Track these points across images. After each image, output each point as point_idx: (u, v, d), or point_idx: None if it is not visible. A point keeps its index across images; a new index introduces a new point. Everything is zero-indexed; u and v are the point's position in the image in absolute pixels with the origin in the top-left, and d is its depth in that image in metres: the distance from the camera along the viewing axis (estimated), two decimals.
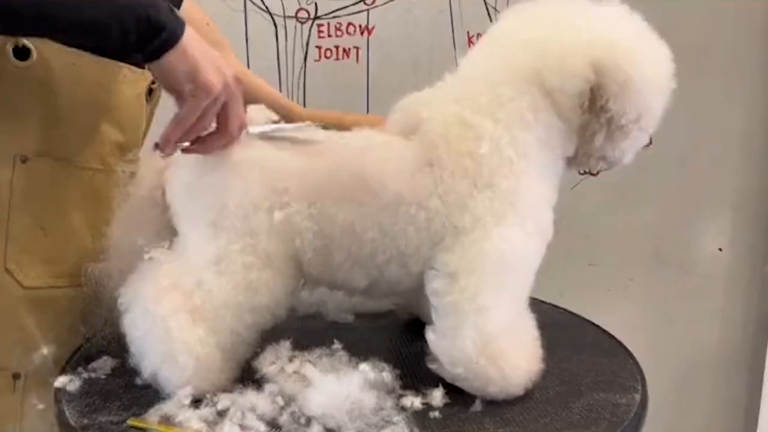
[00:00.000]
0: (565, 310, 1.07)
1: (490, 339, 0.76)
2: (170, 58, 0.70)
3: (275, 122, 0.84)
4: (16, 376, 0.84)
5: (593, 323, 1.02)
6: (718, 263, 1.67)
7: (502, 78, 0.78)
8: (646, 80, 0.76)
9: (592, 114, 0.77)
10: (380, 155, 0.79)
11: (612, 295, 1.67)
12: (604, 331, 0.99)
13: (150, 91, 0.94)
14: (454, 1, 1.49)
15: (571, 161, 0.84)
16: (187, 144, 0.75)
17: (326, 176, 0.77)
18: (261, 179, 0.77)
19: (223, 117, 0.75)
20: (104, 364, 0.85)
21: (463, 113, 0.78)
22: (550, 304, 1.08)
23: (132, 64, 0.89)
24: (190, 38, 0.71)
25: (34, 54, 0.81)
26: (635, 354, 0.91)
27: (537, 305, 1.06)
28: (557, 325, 1.00)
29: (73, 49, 0.83)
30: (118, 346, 0.86)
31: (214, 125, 0.76)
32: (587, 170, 1.58)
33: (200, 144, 0.76)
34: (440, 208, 0.77)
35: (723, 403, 1.74)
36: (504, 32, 0.82)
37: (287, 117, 0.97)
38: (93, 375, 0.83)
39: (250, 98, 0.91)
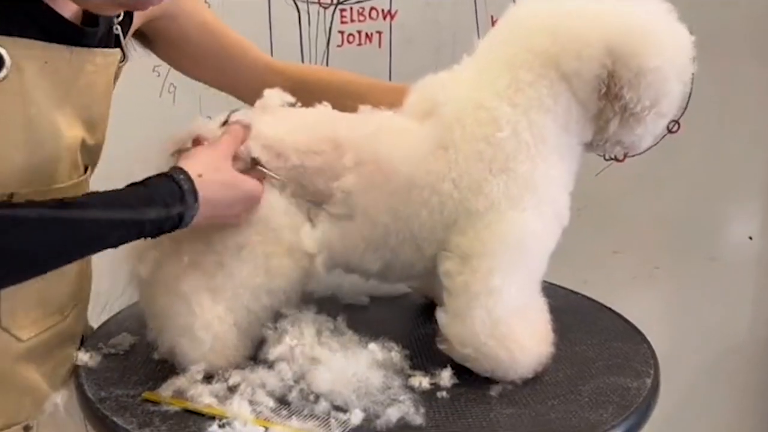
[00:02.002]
0: (582, 295, 1.06)
1: (500, 320, 0.76)
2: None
3: (291, 105, 0.84)
4: (27, 428, 0.79)
5: (609, 308, 1.01)
6: (748, 252, 1.63)
7: (520, 62, 0.78)
8: (662, 67, 0.75)
9: (607, 100, 0.76)
10: (392, 139, 0.79)
11: (637, 283, 1.64)
12: (620, 316, 0.98)
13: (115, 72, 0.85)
14: None
15: (588, 146, 0.84)
16: None
17: (341, 162, 0.78)
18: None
19: None
20: (123, 340, 0.87)
21: (479, 97, 0.78)
22: (567, 288, 1.07)
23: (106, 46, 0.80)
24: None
25: (7, 60, 0.69)
26: (660, 344, 0.90)
27: (553, 290, 1.06)
28: (572, 310, 1.00)
29: (44, 43, 0.72)
30: (137, 323, 0.89)
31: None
32: (611, 156, 1.58)
33: None
34: (453, 192, 0.77)
35: (752, 396, 1.71)
36: (522, 16, 0.81)
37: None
38: (112, 351, 0.86)
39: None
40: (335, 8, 1.46)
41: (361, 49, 1.48)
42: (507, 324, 0.77)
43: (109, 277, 0.85)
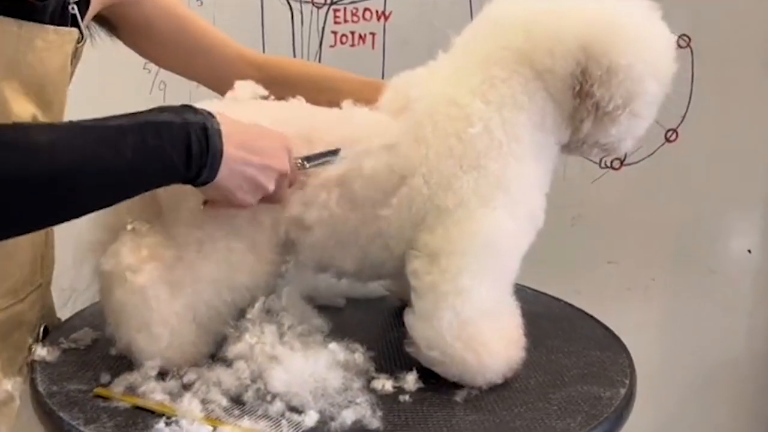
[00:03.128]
0: (564, 302, 1.03)
1: (468, 322, 0.74)
2: (204, 189, 0.70)
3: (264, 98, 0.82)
4: None
5: (591, 316, 0.98)
6: (746, 265, 1.59)
7: (494, 59, 0.76)
8: (635, 65, 0.72)
9: (581, 98, 0.74)
10: (362, 134, 0.77)
11: (632, 294, 1.61)
12: (602, 324, 0.95)
13: (74, 51, 0.82)
14: None
15: (566, 147, 0.81)
16: None
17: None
18: None
19: (267, 198, 0.74)
20: (84, 336, 0.85)
21: (452, 93, 0.76)
22: (549, 295, 1.04)
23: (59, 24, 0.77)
24: (225, 169, 0.68)
25: None
26: (655, 357, 0.87)
27: (536, 296, 1.04)
28: (554, 317, 0.97)
29: None
30: (102, 319, 0.86)
31: None
32: (606, 163, 1.55)
33: None
34: (423, 188, 0.75)
35: (748, 411, 1.66)
36: (498, 12, 0.79)
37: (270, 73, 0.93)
38: (72, 345, 0.84)
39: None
40: (329, 8, 1.45)
41: (355, 50, 1.47)
42: (475, 326, 0.74)
43: (74, 272, 0.83)
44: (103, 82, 1.27)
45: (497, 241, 0.75)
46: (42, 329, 0.87)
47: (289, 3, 1.44)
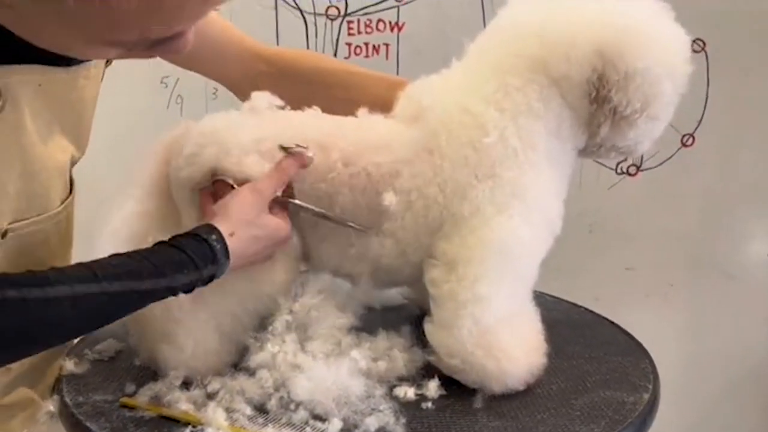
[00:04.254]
0: (584, 308, 1.03)
1: (488, 329, 0.74)
2: None
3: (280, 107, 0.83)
4: None
5: (612, 322, 0.97)
6: (765, 270, 1.58)
7: (508, 66, 0.76)
8: (652, 68, 0.72)
9: (597, 104, 0.74)
10: (377, 142, 0.77)
11: (651, 301, 1.60)
12: (623, 330, 0.95)
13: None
14: None
15: (582, 152, 0.81)
16: None
17: (327, 166, 0.77)
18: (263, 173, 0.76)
19: None
20: (109, 347, 0.86)
21: (466, 101, 0.76)
22: (568, 302, 1.04)
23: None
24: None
25: (3, 90, 0.65)
26: (676, 364, 0.87)
27: (557, 303, 1.04)
28: (574, 324, 0.97)
29: (41, 66, 0.68)
30: (125, 330, 0.87)
31: None
32: (623, 169, 1.55)
33: None
34: (438, 197, 0.75)
35: None
36: (511, 19, 0.79)
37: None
38: (97, 357, 0.84)
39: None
40: (342, 20, 1.46)
41: (369, 61, 1.47)
42: (495, 333, 0.74)
43: None
44: (120, 97, 1.28)
45: (514, 248, 0.75)
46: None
47: (303, 15, 1.45)
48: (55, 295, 0.61)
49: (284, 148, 0.76)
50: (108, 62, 0.81)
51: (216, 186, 0.77)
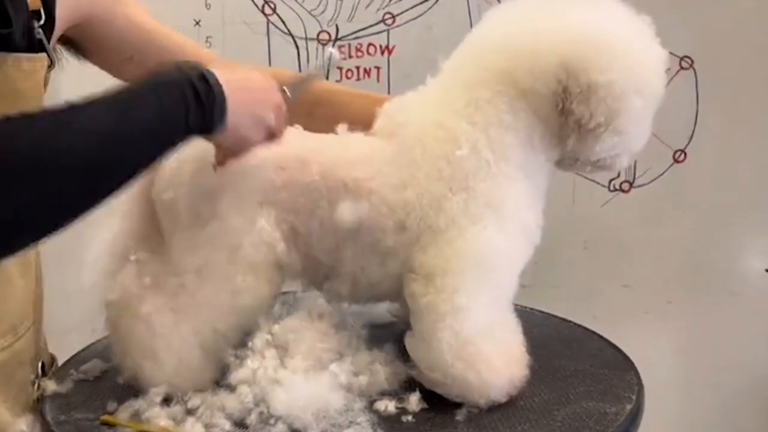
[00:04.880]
0: (573, 323, 1.02)
1: (468, 341, 0.74)
2: (218, 136, 0.70)
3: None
4: None
5: (601, 336, 0.97)
6: (764, 284, 1.57)
7: (478, 81, 0.77)
8: (615, 82, 0.72)
9: (564, 116, 0.75)
10: (356, 157, 0.78)
11: (649, 318, 1.59)
12: (611, 343, 0.94)
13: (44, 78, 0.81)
14: (475, 19, 1.48)
15: (560, 164, 0.82)
16: None
17: (306, 180, 0.78)
18: (243, 190, 0.77)
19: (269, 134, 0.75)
20: (94, 367, 0.86)
21: (440, 117, 0.77)
22: (557, 317, 1.04)
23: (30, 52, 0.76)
24: (232, 109, 0.68)
25: None
26: (675, 382, 0.86)
27: (545, 318, 1.04)
28: (562, 338, 0.96)
29: None
30: (111, 350, 0.88)
31: None
32: (615, 186, 1.55)
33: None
34: (414, 210, 0.76)
35: None
36: (482, 33, 0.81)
37: None
38: (82, 377, 0.85)
39: None
40: (334, 44, 1.48)
41: (360, 84, 1.49)
42: (475, 344, 0.74)
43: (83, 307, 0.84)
44: None
45: (490, 258, 0.75)
46: (40, 365, 0.87)
47: (295, 40, 1.47)
48: (68, 120, 0.60)
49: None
50: (51, 66, 0.81)
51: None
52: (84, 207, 0.63)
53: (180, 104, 0.65)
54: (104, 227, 0.84)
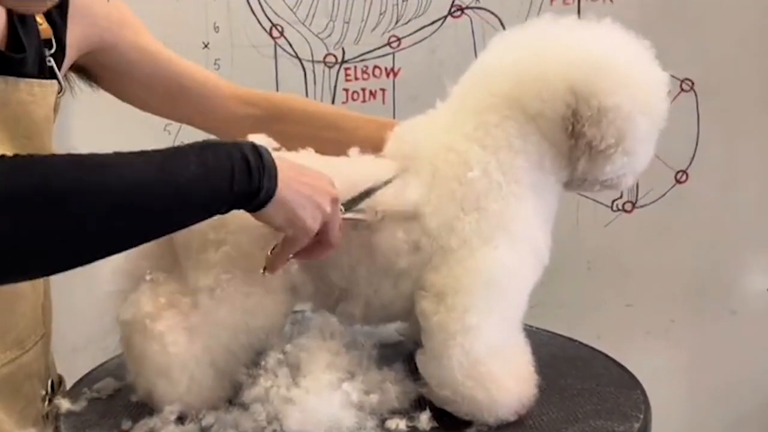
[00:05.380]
0: (579, 342, 1.03)
1: (478, 360, 0.75)
2: (269, 210, 0.68)
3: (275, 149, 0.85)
4: None
5: (606, 355, 0.98)
6: (767, 303, 1.58)
7: (486, 105, 0.79)
8: (623, 104, 0.74)
9: (574, 138, 0.77)
10: (369, 179, 0.80)
11: (652, 337, 1.60)
12: (616, 362, 0.95)
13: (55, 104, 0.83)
14: (479, 42, 1.51)
15: (569, 185, 0.84)
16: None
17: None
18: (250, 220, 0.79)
19: (323, 233, 0.73)
20: (107, 385, 0.87)
21: (449, 140, 0.79)
22: (564, 336, 1.05)
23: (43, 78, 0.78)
24: (283, 184, 0.67)
25: None
26: (679, 401, 0.87)
27: (551, 338, 1.05)
28: (568, 357, 0.97)
29: None
30: (124, 369, 0.89)
31: None
32: (618, 206, 1.56)
33: (304, 254, 0.75)
34: (428, 230, 0.77)
35: None
36: (490, 59, 0.82)
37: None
38: (95, 395, 0.86)
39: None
40: (340, 67, 1.51)
41: (366, 106, 1.52)
42: (485, 363, 0.75)
43: (96, 325, 0.85)
44: (125, 144, 1.32)
45: (501, 278, 0.76)
46: (50, 383, 0.88)
47: (302, 63, 1.50)
48: (110, 163, 0.59)
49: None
50: (61, 92, 0.83)
51: None
52: (109, 247, 0.63)
53: (226, 166, 0.63)
54: None
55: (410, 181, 0.79)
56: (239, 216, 0.78)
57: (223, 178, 0.64)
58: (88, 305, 0.84)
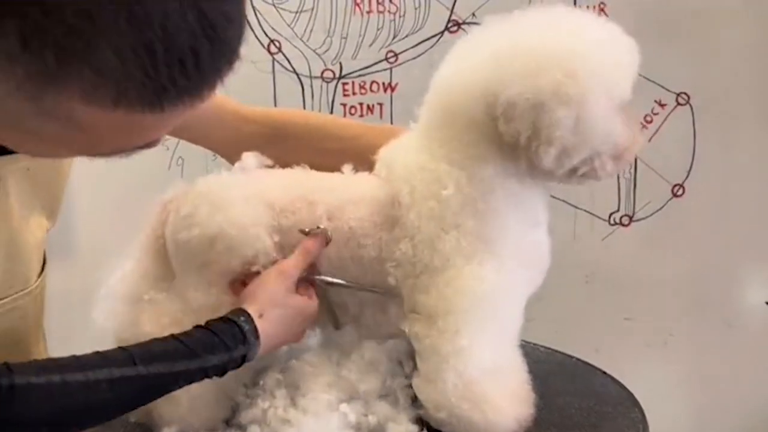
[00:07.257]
0: (576, 359, 1.03)
1: (472, 381, 0.75)
2: None
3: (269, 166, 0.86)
4: None
5: (605, 372, 0.98)
6: (764, 317, 1.58)
7: (443, 121, 0.78)
8: (525, 95, 0.70)
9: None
10: (359, 197, 0.81)
11: (650, 351, 1.60)
12: (614, 380, 0.95)
13: None
14: None
15: (547, 178, 0.79)
16: None
17: (313, 221, 0.80)
18: (247, 238, 0.79)
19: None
20: None
21: (419, 159, 0.79)
22: (562, 353, 1.05)
23: None
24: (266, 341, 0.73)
25: None
26: (678, 416, 0.86)
27: (549, 354, 1.05)
28: (566, 374, 0.97)
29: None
30: None
31: None
32: (615, 220, 1.57)
33: None
34: (410, 250, 0.77)
35: None
36: (437, 77, 0.81)
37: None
38: None
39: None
40: (337, 82, 1.51)
41: (363, 121, 1.52)
42: (480, 384, 0.75)
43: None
44: (120, 160, 1.32)
45: (489, 295, 0.76)
46: None
47: (299, 78, 1.50)
48: (95, 378, 0.63)
49: (304, 232, 0.79)
50: None
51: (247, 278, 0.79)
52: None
53: (216, 373, 0.70)
54: (113, 267, 0.85)
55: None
56: (229, 238, 0.78)
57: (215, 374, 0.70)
58: (84, 326, 0.85)
